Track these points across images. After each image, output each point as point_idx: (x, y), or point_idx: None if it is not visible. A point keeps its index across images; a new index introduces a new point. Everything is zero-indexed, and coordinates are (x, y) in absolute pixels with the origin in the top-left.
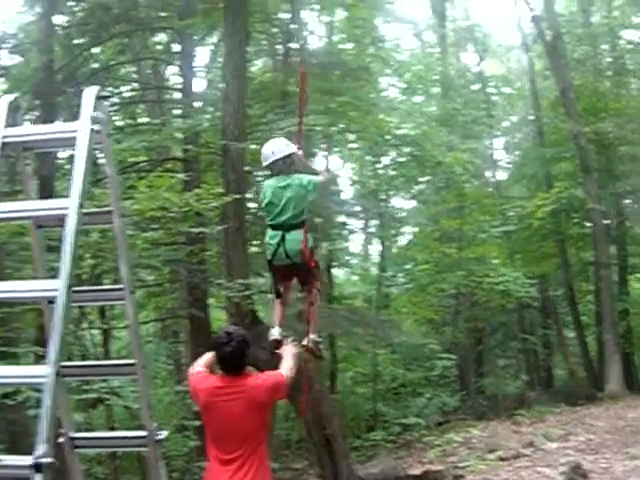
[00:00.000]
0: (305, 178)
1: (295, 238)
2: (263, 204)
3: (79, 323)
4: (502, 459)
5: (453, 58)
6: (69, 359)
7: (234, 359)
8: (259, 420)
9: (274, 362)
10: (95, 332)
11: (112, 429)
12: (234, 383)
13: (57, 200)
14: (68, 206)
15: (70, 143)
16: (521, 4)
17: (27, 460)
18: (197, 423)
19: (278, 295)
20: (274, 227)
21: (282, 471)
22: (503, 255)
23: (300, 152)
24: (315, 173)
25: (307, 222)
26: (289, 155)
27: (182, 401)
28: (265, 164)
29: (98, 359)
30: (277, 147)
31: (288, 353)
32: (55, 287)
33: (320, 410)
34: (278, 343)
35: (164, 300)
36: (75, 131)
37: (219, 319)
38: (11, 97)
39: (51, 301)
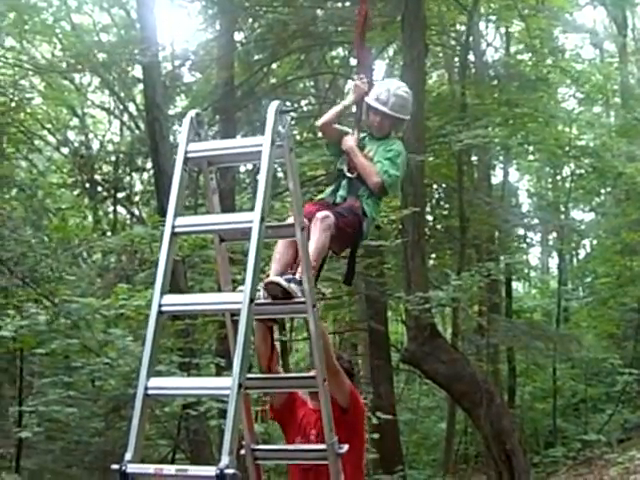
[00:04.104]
0: None
1: None
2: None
3: None
4: None
5: (633, 67)
6: (250, 370)
7: None
8: None
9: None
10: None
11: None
12: None
13: (242, 214)
14: (252, 219)
15: (254, 157)
16: None
17: (211, 471)
18: (375, 436)
19: None
20: None
21: None
22: None
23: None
24: None
25: None
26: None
27: None
28: None
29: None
30: None
31: None
32: (239, 300)
33: (500, 425)
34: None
35: (342, 313)
36: (259, 145)
37: (396, 332)
38: (195, 112)
39: (234, 314)
